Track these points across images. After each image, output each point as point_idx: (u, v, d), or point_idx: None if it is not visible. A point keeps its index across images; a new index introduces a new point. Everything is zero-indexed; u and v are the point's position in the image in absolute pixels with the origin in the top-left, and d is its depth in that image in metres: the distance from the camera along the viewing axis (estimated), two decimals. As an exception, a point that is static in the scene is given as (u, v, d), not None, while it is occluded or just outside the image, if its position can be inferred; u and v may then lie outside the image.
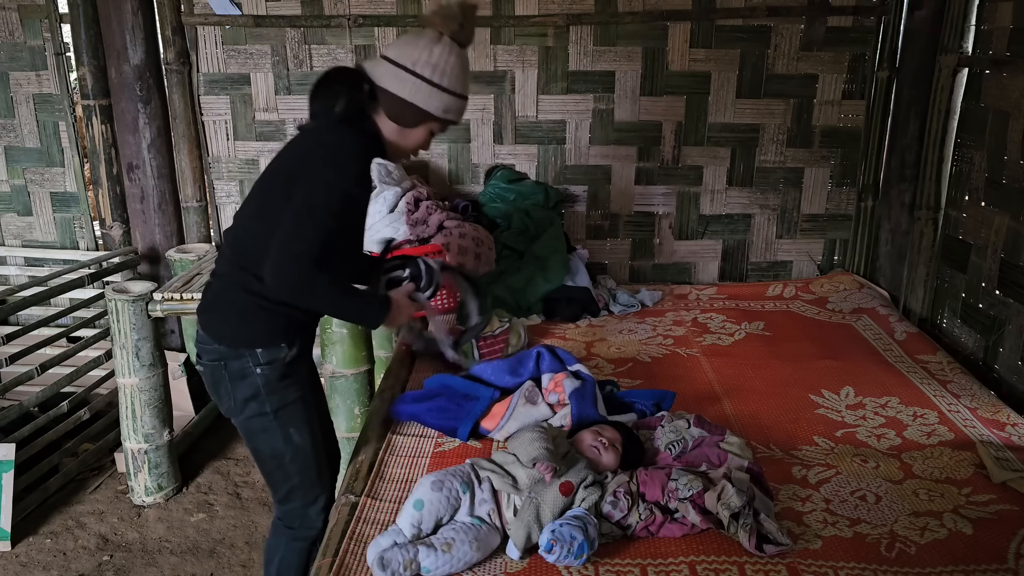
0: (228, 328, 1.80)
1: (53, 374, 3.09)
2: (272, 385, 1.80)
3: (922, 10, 3.28)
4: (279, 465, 1.88)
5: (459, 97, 1.80)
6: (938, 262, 3.26)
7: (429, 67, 1.73)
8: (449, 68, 1.75)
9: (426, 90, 1.74)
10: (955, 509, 1.86)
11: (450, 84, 1.76)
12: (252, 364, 1.78)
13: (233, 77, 3.57)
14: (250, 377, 1.79)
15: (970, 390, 2.53)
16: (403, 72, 1.74)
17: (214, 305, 1.83)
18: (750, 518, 1.68)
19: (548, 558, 1.60)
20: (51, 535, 2.79)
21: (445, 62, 1.74)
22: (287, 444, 1.85)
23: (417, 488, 1.70)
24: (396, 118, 1.78)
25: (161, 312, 2.84)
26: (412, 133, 1.82)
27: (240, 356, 1.78)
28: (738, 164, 3.63)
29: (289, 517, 1.95)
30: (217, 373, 1.82)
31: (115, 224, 3.65)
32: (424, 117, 1.78)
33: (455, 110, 1.81)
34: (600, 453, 1.82)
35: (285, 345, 1.79)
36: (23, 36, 3.56)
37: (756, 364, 2.72)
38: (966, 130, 3.11)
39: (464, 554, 1.59)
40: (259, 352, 1.78)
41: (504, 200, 3.43)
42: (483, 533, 1.64)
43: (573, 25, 3.46)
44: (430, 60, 1.73)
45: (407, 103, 1.75)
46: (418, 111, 1.76)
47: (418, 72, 1.73)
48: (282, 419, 1.83)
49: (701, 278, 3.79)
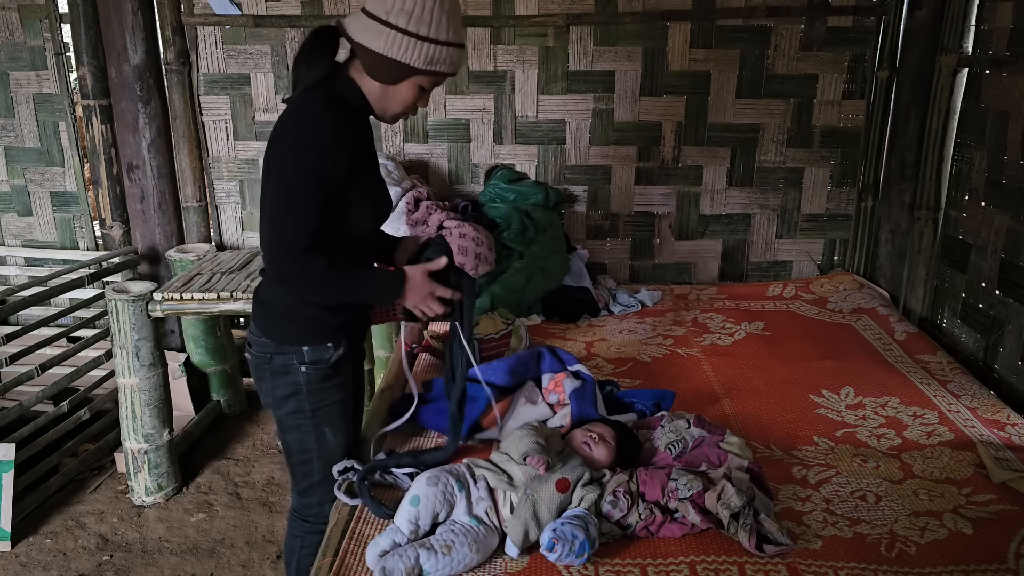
0: (274, 324, 1.77)
1: (53, 374, 3.09)
2: (313, 385, 1.78)
3: (922, 10, 3.28)
4: (305, 461, 1.88)
5: (445, 45, 1.60)
6: (938, 262, 3.26)
7: (404, 15, 1.56)
8: (427, 13, 1.56)
9: (402, 41, 1.57)
10: (955, 509, 1.86)
11: (431, 31, 1.57)
12: (296, 362, 1.76)
13: (233, 77, 3.57)
14: (293, 375, 1.77)
15: (970, 390, 2.53)
16: (376, 23, 1.58)
17: (262, 299, 1.81)
18: (750, 518, 1.68)
19: (549, 557, 1.60)
20: (51, 535, 2.79)
21: (422, 7, 1.55)
22: (319, 443, 1.84)
23: (413, 485, 1.71)
24: (376, 75, 1.63)
25: (161, 312, 2.84)
26: (397, 91, 1.65)
27: (285, 352, 1.76)
28: (738, 164, 3.63)
29: (305, 510, 1.95)
30: (261, 366, 1.80)
31: (115, 224, 3.65)
32: (405, 72, 1.61)
33: (443, 60, 1.61)
34: (591, 447, 1.82)
35: (331, 345, 1.77)
36: (23, 36, 3.56)
37: (756, 364, 2.72)
38: (966, 130, 3.11)
39: (464, 556, 1.59)
40: (305, 351, 1.75)
41: (504, 200, 3.43)
42: (481, 535, 1.64)
43: (573, 25, 3.46)
44: (404, 7, 1.55)
45: (384, 58, 1.59)
46: (397, 65, 1.59)
47: (391, 22, 1.56)
48: (318, 419, 1.82)
49: (701, 278, 3.79)
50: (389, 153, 3.59)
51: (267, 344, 1.78)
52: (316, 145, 1.58)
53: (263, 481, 3.12)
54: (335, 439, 1.86)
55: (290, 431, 1.86)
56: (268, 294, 1.80)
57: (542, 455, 1.70)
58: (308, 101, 1.62)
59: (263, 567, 2.64)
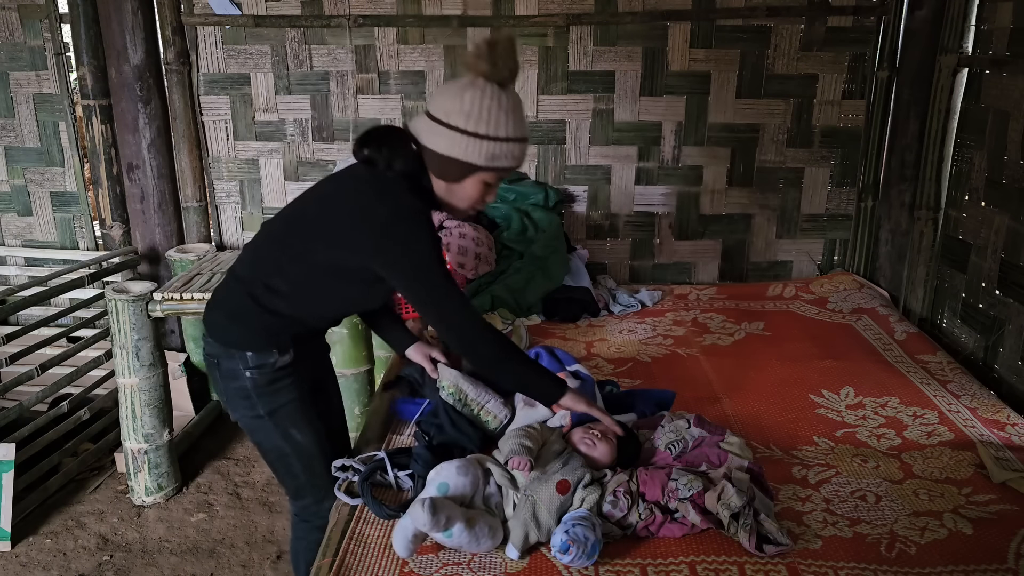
0: (221, 326, 1.80)
1: (53, 374, 3.09)
2: (261, 389, 1.78)
3: (922, 10, 3.28)
4: (283, 462, 1.88)
5: (505, 142, 1.65)
6: (938, 262, 3.26)
7: (463, 116, 1.61)
8: (486, 112, 1.61)
9: (463, 141, 1.62)
10: (955, 509, 1.85)
11: (489, 129, 1.62)
12: (241, 366, 1.77)
13: (233, 77, 3.57)
14: (240, 379, 1.78)
15: (970, 390, 2.53)
16: (437, 126, 1.64)
17: (217, 302, 1.84)
18: (750, 518, 1.68)
19: (562, 559, 1.59)
20: (51, 535, 2.79)
21: (480, 107, 1.61)
22: (288, 442, 1.84)
23: (440, 472, 1.69)
24: (441, 174, 1.69)
25: (161, 312, 2.84)
26: (462, 188, 1.70)
27: (231, 356, 1.77)
28: (738, 164, 3.63)
29: (303, 512, 1.96)
30: (211, 369, 1.83)
31: (115, 224, 3.65)
32: (468, 170, 1.66)
33: (504, 155, 1.66)
34: (594, 444, 1.82)
35: (276, 351, 1.77)
36: (23, 36, 3.56)
37: (756, 364, 2.72)
38: (966, 130, 3.11)
39: (482, 533, 1.61)
40: (249, 355, 1.76)
41: (504, 200, 3.43)
42: (496, 523, 1.65)
43: (573, 25, 3.46)
44: (463, 108, 1.61)
45: (446, 158, 1.65)
46: (459, 164, 1.65)
47: (451, 124, 1.62)
48: (276, 420, 1.82)
49: (701, 278, 3.79)
50: (389, 153, 3.59)
51: (215, 347, 1.80)
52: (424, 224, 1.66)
53: (263, 481, 3.12)
54: (304, 437, 1.84)
55: (255, 432, 1.87)
56: (224, 292, 1.82)
57: (524, 456, 1.70)
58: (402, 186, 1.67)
59: (263, 567, 2.64)
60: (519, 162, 1.71)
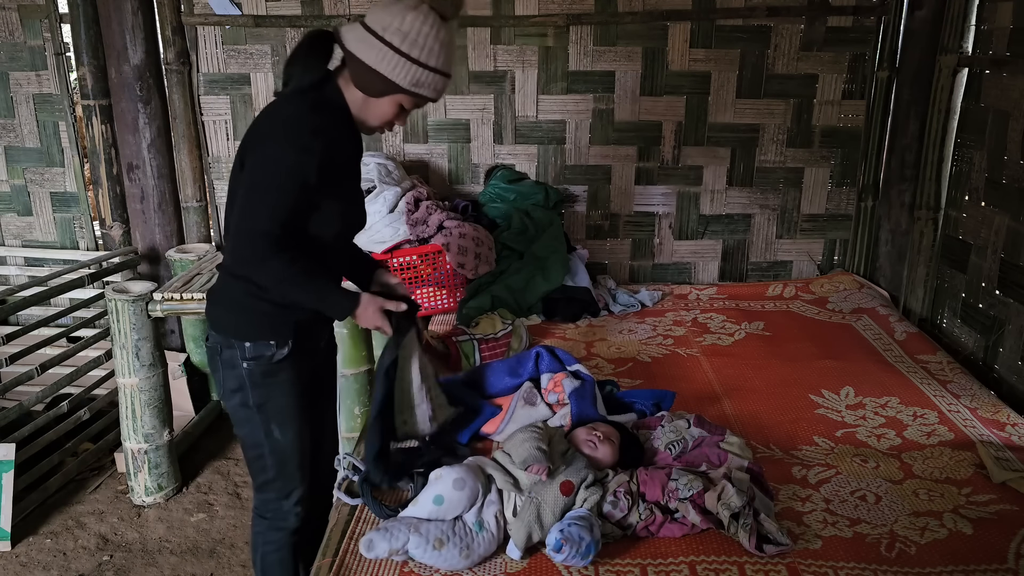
0: (222, 316, 1.81)
1: (53, 374, 3.09)
2: (256, 380, 1.79)
3: (922, 10, 3.28)
4: (258, 456, 1.88)
5: (433, 71, 1.66)
6: (938, 262, 3.26)
7: (399, 35, 1.62)
8: (422, 38, 1.63)
9: (393, 59, 1.63)
10: (955, 509, 1.86)
11: (421, 55, 1.64)
12: (239, 357, 1.77)
13: (233, 77, 3.57)
14: (237, 369, 1.78)
15: (970, 390, 2.53)
16: (371, 37, 1.64)
17: (214, 296, 1.85)
18: (750, 518, 1.68)
19: (556, 557, 1.60)
20: (51, 535, 2.79)
21: (418, 31, 1.62)
22: (268, 439, 1.84)
23: (437, 482, 1.68)
24: (362, 86, 1.69)
25: (161, 312, 2.84)
26: (378, 105, 1.71)
27: (230, 346, 1.78)
28: (738, 164, 3.63)
29: (263, 507, 1.95)
30: (214, 358, 1.83)
31: (115, 224, 3.65)
32: (389, 88, 1.67)
33: (428, 85, 1.68)
34: (596, 446, 1.82)
35: (274, 343, 1.77)
36: (23, 36, 3.56)
37: (756, 364, 2.73)
38: (966, 130, 3.11)
39: (452, 558, 1.59)
40: (247, 346, 1.76)
41: (504, 200, 3.43)
42: (477, 542, 1.63)
43: (573, 25, 3.46)
44: (401, 27, 1.62)
45: (371, 71, 1.65)
46: (383, 80, 1.66)
47: (386, 39, 1.63)
48: (264, 415, 1.82)
49: (701, 278, 3.79)
50: (389, 153, 3.59)
51: (216, 337, 1.81)
52: (301, 145, 1.62)
53: (263, 481, 3.12)
54: (284, 437, 1.84)
55: (240, 424, 1.87)
56: (219, 285, 1.84)
57: (543, 462, 1.69)
58: (299, 102, 1.67)
59: (263, 567, 2.64)
60: (438, 96, 1.72)
